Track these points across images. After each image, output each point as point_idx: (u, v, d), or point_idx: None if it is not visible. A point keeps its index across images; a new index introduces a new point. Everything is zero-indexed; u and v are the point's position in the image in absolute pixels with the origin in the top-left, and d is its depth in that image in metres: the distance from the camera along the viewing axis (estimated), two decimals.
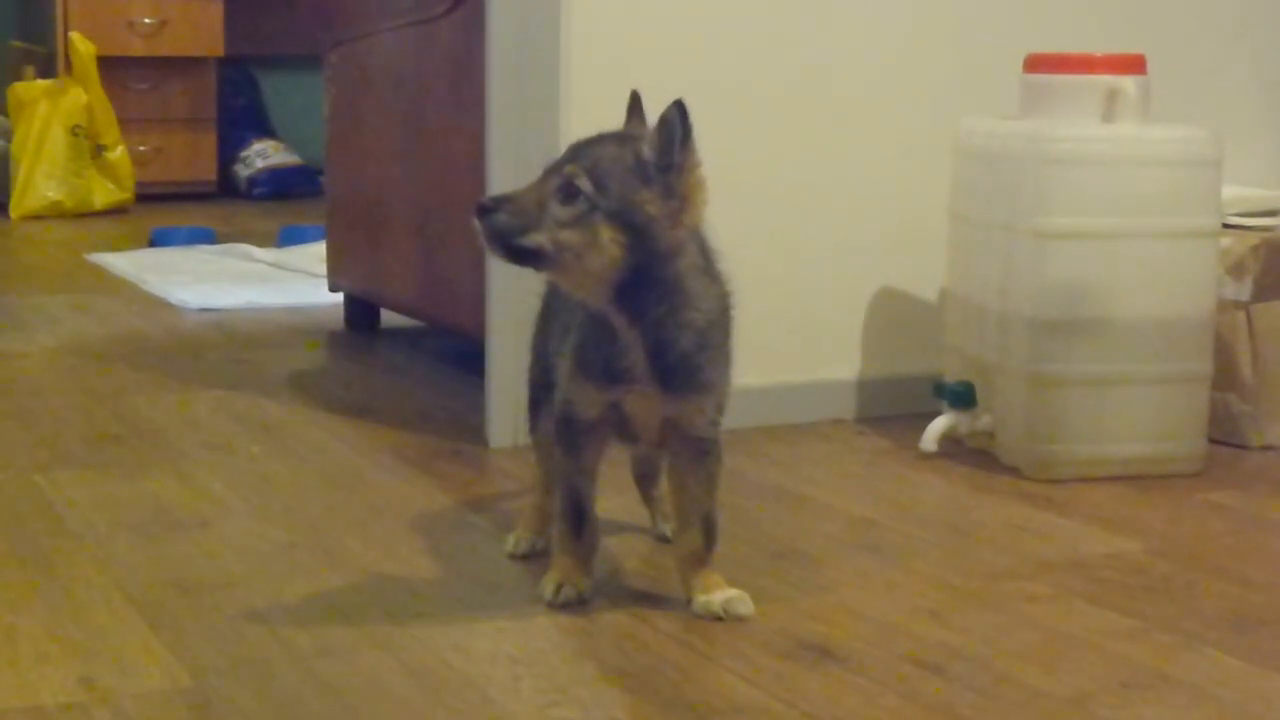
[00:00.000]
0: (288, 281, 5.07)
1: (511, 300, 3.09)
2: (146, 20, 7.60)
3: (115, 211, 7.22)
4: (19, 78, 7.38)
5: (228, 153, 7.88)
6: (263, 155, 7.86)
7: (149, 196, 7.40)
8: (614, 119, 3.17)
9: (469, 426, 3.24)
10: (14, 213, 7.08)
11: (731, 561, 2.48)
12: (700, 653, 2.17)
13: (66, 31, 7.37)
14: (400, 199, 3.90)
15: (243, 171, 7.87)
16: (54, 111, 7.20)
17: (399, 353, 4.13)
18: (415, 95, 3.79)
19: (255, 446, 3.11)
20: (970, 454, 3.11)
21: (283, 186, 7.75)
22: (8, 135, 7.30)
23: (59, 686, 2.02)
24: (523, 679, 2.07)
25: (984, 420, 3.09)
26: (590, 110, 3.14)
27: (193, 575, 2.42)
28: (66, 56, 7.33)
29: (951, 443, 3.12)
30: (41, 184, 7.12)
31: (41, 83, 7.30)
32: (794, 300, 3.36)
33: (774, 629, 2.24)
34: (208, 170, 7.79)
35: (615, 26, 3.19)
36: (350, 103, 4.22)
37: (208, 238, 6.02)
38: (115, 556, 2.50)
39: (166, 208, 7.23)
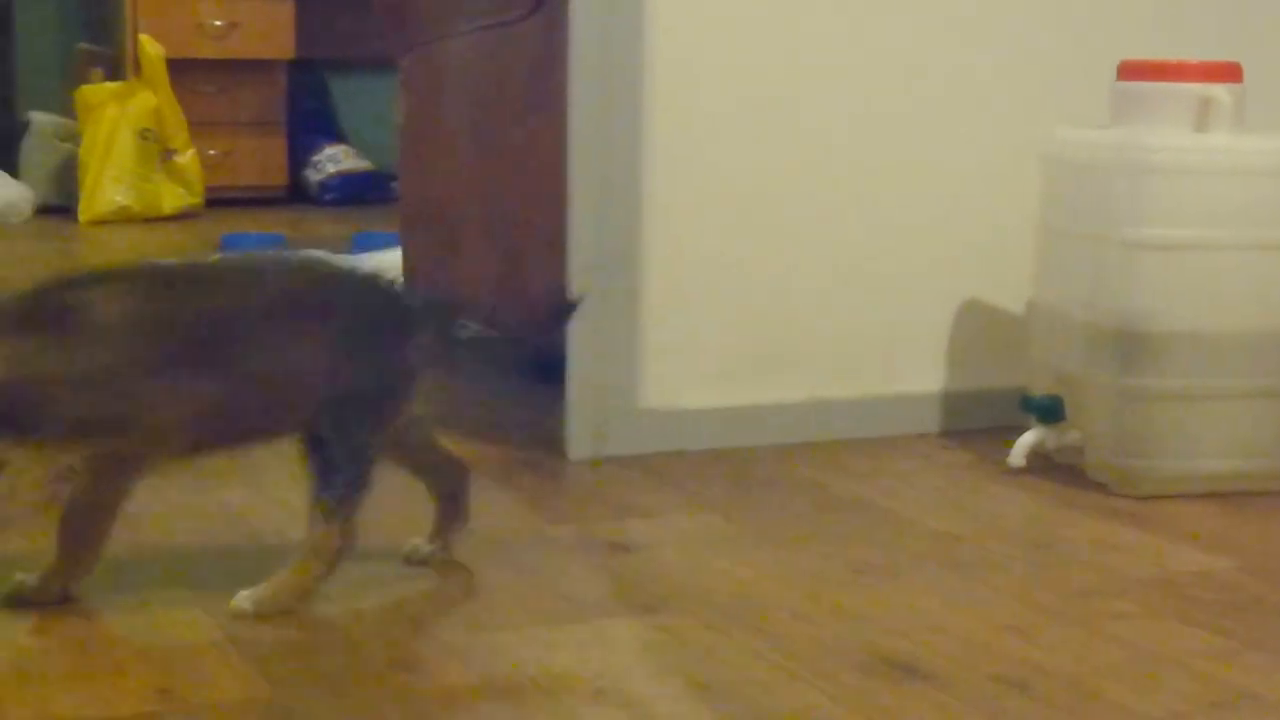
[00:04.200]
0: None
1: (592, 311, 3.06)
2: (216, 22, 7.61)
3: (184, 216, 7.22)
4: (87, 80, 7.39)
5: (298, 157, 7.88)
6: (333, 160, 7.86)
7: (218, 201, 7.40)
8: (696, 121, 3.15)
9: (547, 438, 3.20)
10: (82, 217, 7.09)
11: (811, 575, 2.45)
12: (782, 667, 2.13)
13: (135, 34, 7.37)
14: (476, 206, 3.87)
15: (313, 176, 7.86)
16: (122, 115, 7.21)
17: (477, 362, 4.08)
18: (492, 100, 3.76)
19: None
20: (1057, 469, 3.06)
21: (354, 192, 7.74)
22: (76, 139, 7.31)
23: (137, 696, 2.00)
24: (605, 694, 2.04)
25: (1071, 435, 3.04)
26: (673, 114, 3.12)
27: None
28: (135, 59, 7.33)
29: (1038, 457, 3.06)
30: (110, 188, 7.13)
31: (110, 85, 7.31)
32: (878, 312, 3.31)
33: (857, 644, 2.20)
34: (278, 175, 7.78)
35: (698, 28, 3.15)
36: (425, 107, 4.19)
37: (278, 243, 6.01)
38: (190, 567, 2.47)
39: (236, 213, 7.23)
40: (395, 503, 2.83)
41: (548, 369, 3.14)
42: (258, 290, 2.29)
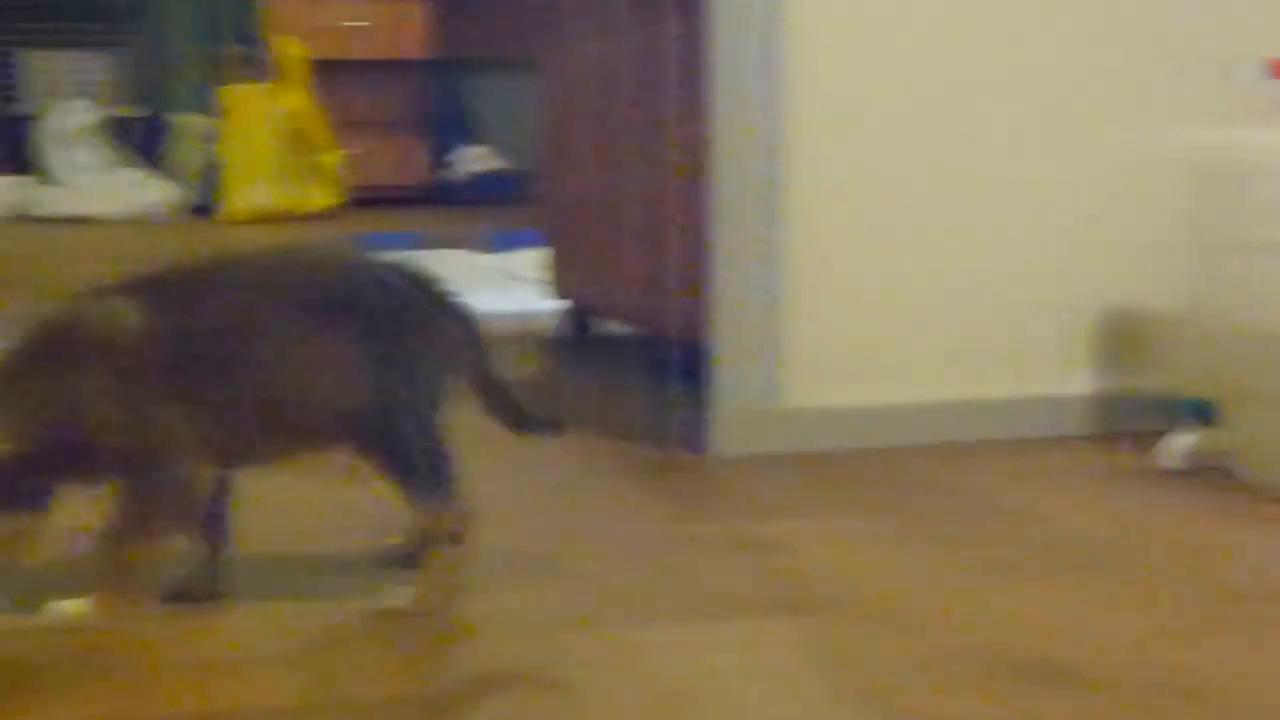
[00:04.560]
0: (503, 287, 5.07)
1: (735, 308, 3.06)
2: (356, 24, 7.67)
3: (325, 215, 7.29)
4: (231, 82, 7.47)
5: (436, 157, 7.93)
6: (471, 160, 7.91)
7: (358, 200, 7.46)
8: (838, 120, 3.14)
9: (689, 436, 3.20)
10: (225, 216, 7.17)
11: (959, 576, 2.43)
12: (934, 670, 2.11)
13: (278, 36, 7.44)
14: (617, 205, 3.87)
15: (451, 176, 7.91)
16: (265, 115, 7.29)
17: (617, 361, 4.11)
18: (632, 99, 3.76)
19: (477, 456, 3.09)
20: (1209, 472, 3.02)
21: (490, 191, 7.79)
22: (219, 139, 7.40)
23: (294, 690, 2.02)
24: (761, 693, 2.03)
25: (1224, 438, 3.00)
26: (815, 114, 3.11)
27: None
28: (278, 60, 7.40)
29: (1190, 460, 3.03)
30: (252, 187, 7.22)
31: (252, 86, 7.39)
32: (1022, 313, 3.29)
33: (1009, 648, 2.18)
34: (418, 174, 7.84)
35: (839, 30, 3.14)
36: (564, 107, 4.21)
37: (418, 243, 6.04)
38: (345, 561, 2.49)
39: (375, 212, 7.28)
40: (555, 508, 2.85)
41: (691, 368, 3.14)
42: (277, 287, 2.25)
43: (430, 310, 2.30)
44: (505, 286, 5.11)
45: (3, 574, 2.12)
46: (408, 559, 2.38)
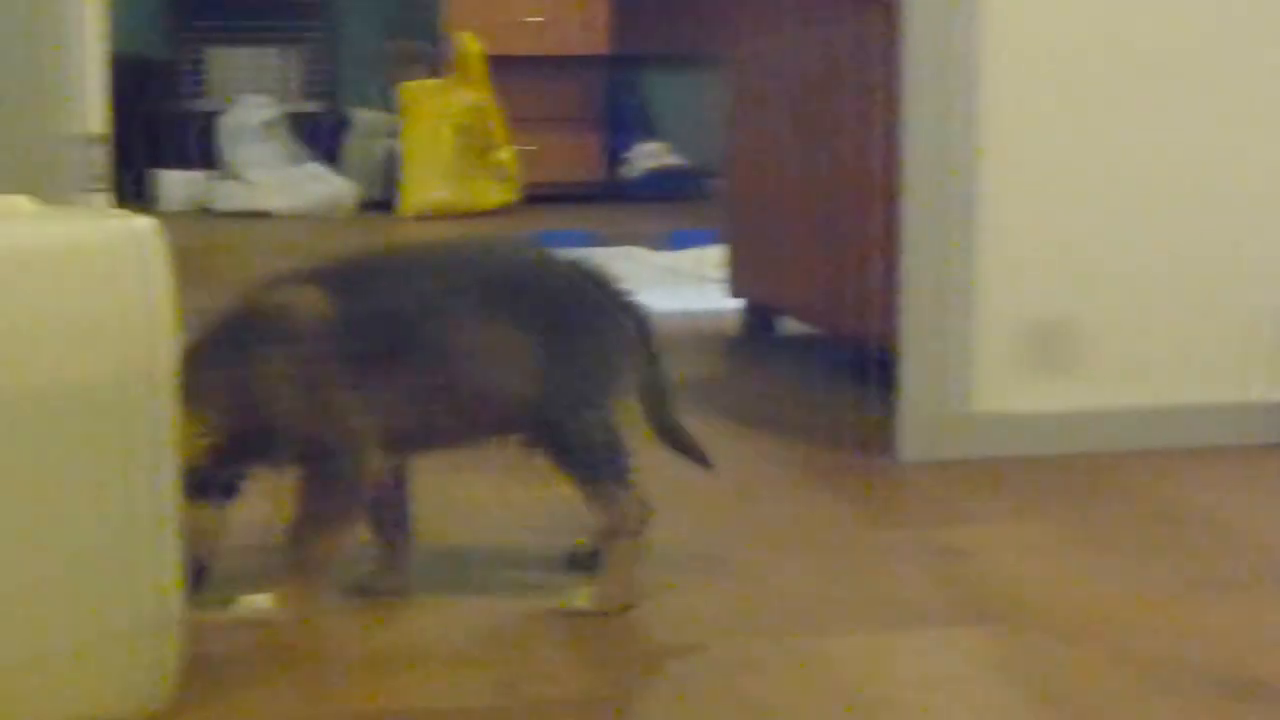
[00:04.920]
0: (682, 286, 5.05)
1: (926, 310, 3.01)
2: (533, 19, 7.69)
3: (501, 211, 7.32)
4: (409, 77, 7.53)
5: (612, 153, 7.94)
6: (648, 156, 7.90)
7: (534, 197, 7.48)
8: (1034, 120, 3.08)
9: (876, 439, 3.16)
10: (403, 211, 7.22)
11: (1154, 587, 2.38)
12: (1133, 683, 2.06)
13: (457, 31, 7.48)
14: (803, 203, 3.84)
15: (627, 172, 7.91)
16: (443, 111, 7.33)
17: (800, 361, 4.07)
18: (821, 96, 3.72)
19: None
20: None
21: (667, 188, 7.77)
22: (397, 135, 7.45)
23: (481, 690, 2.01)
24: (953, 703, 1.99)
25: None
26: (1010, 113, 3.05)
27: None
28: (457, 56, 7.44)
29: None
30: (430, 183, 7.26)
31: (431, 82, 7.44)
32: (1224, 315, 3.19)
33: (1211, 661, 2.12)
34: (593, 170, 7.85)
35: (1036, 25, 3.08)
36: (750, 104, 4.18)
37: (595, 241, 6.04)
38: (527, 559, 2.48)
39: (551, 208, 7.30)
40: (741, 510, 2.82)
41: (878, 370, 3.10)
42: (456, 278, 2.25)
43: (606, 307, 2.30)
44: (681, 285, 5.08)
45: (197, 567, 2.13)
46: (591, 559, 2.36)
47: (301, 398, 2.16)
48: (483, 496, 2.79)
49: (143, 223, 1.86)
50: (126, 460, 1.82)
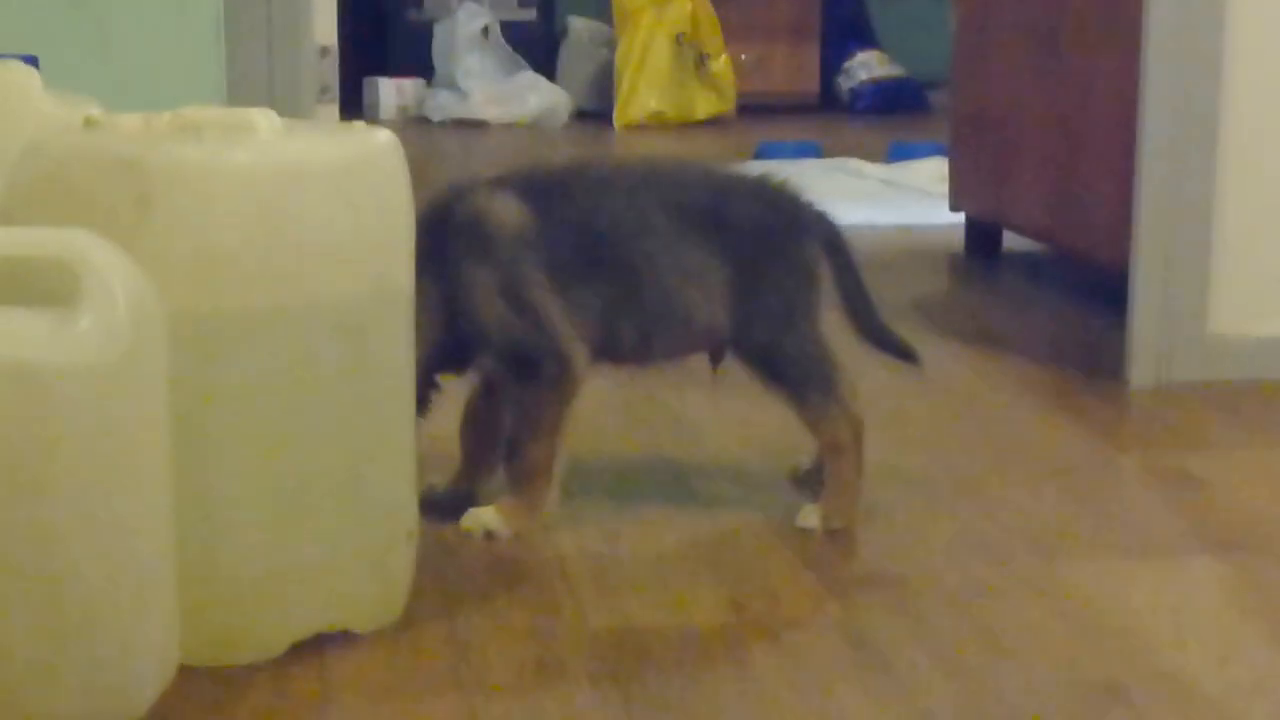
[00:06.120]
0: (900, 200, 4.98)
1: (1161, 230, 2.94)
2: None
3: (716, 122, 7.29)
4: None
5: (830, 64, 7.85)
6: (866, 67, 7.80)
7: (749, 108, 7.44)
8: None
9: (1104, 362, 3.09)
10: (618, 122, 7.22)
11: None
12: None
13: None
14: (1033, 118, 3.76)
15: (845, 84, 7.83)
16: (659, 21, 7.31)
17: (1023, 279, 3.99)
18: (1057, 9, 3.64)
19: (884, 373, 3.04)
20: None
21: (887, 100, 7.68)
22: (613, 45, 7.44)
23: (710, 609, 2.00)
24: (1187, 633, 1.95)
25: None
26: (1257, 20, 2.95)
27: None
28: None
29: None
30: (645, 94, 7.25)
31: None
32: None
33: None
34: (810, 82, 7.78)
35: None
36: (981, 16, 4.10)
37: (814, 152, 5.99)
38: (750, 478, 2.46)
39: (766, 120, 7.25)
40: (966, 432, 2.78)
41: (1112, 288, 3.03)
42: (648, 194, 2.24)
43: (797, 225, 2.28)
44: (900, 199, 5.02)
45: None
46: (814, 477, 2.36)
47: (504, 304, 2.16)
48: (704, 413, 2.77)
49: (385, 137, 1.86)
50: (368, 378, 1.83)
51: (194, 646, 1.73)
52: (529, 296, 2.17)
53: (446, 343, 2.16)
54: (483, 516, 2.21)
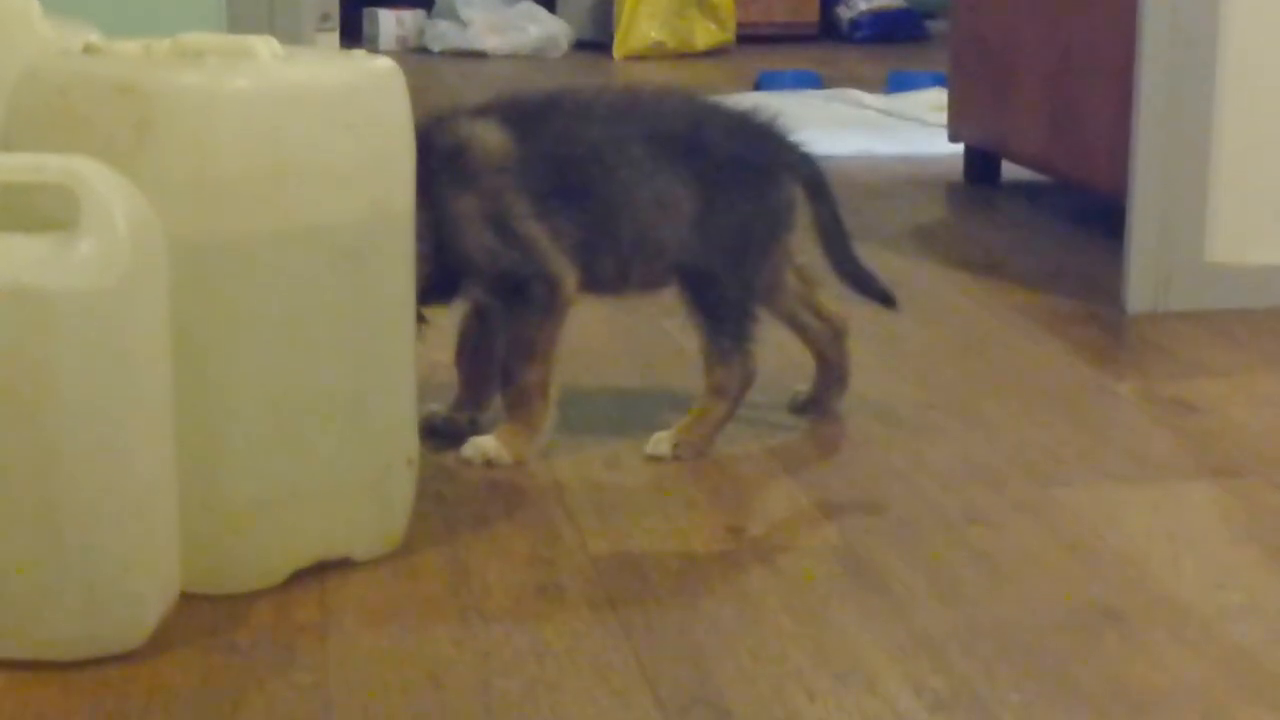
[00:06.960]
0: (899, 129, 4.97)
1: (1159, 158, 2.94)
2: None
3: (715, 52, 7.26)
4: None
5: None
6: None
7: (749, 38, 7.41)
8: None
9: (1102, 289, 3.10)
10: (617, 53, 7.19)
11: None
12: None
13: None
14: (1032, 47, 3.75)
15: (845, 14, 7.80)
16: None
17: (1022, 208, 3.99)
18: None
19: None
20: None
21: (886, 30, 7.66)
22: None
23: (710, 534, 2.01)
24: (1183, 557, 1.96)
25: None
26: None
27: (827, 432, 2.39)
28: None
29: None
30: (645, 24, 7.21)
31: None
32: None
33: None
34: (809, 11, 7.75)
35: None
36: None
37: (813, 82, 5.96)
38: (748, 406, 2.46)
39: (767, 50, 7.23)
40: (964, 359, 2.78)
41: (1109, 216, 3.03)
42: (628, 124, 2.24)
43: (777, 162, 2.29)
44: (899, 128, 5.00)
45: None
46: (811, 405, 2.39)
47: (490, 230, 2.17)
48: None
49: (386, 64, 1.86)
50: (368, 303, 1.83)
51: (195, 573, 1.74)
52: (515, 223, 2.17)
53: (432, 274, 2.16)
54: (483, 444, 2.22)
